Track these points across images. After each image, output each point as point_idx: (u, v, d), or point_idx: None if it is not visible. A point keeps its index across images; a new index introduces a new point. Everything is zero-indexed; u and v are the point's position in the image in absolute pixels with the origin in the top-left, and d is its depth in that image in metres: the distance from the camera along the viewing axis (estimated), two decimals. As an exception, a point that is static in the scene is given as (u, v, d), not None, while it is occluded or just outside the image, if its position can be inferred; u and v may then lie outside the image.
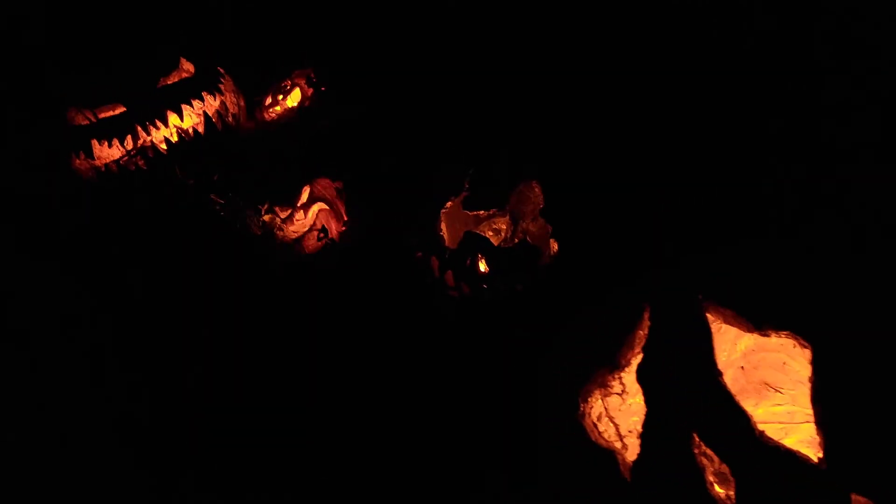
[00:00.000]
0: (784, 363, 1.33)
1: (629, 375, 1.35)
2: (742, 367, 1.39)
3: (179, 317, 2.42)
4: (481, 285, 2.18)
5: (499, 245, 2.25)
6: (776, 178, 1.70)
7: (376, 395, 2.13)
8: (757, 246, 1.34)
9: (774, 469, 1.14)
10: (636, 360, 1.34)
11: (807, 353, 1.19)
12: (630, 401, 1.38)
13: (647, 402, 1.27)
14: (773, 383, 1.37)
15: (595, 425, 1.37)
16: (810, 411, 1.21)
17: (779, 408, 1.38)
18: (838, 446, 1.12)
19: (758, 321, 1.23)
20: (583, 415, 1.36)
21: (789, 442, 1.23)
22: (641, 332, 1.33)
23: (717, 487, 1.23)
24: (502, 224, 2.36)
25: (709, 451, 1.20)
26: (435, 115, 2.53)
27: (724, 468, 1.19)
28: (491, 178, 2.27)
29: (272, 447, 2.10)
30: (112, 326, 2.43)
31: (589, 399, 1.37)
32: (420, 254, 2.27)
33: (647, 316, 1.33)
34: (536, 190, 2.24)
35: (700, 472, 1.20)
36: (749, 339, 1.35)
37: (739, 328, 1.27)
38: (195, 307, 2.42)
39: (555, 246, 2.17)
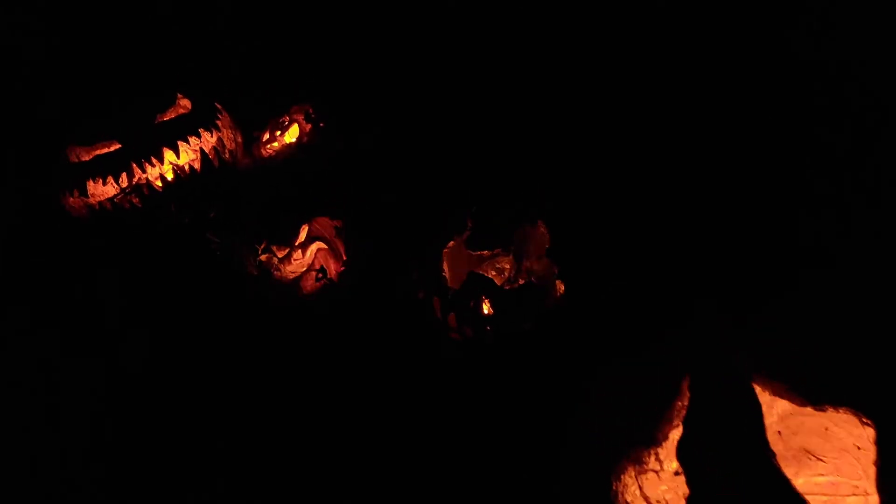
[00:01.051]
0: (826, 428, 1.18)
1: (665, 450, 1.20)
2: (779, 433, 1.24)
3: (171, 357, 2.27)
4: (485, 328, 2.06)
5: (502, 285, 2.14)
6: (838, 224, 1.52)
7: (377, 444, 1.99)
8: (812, 306, 1.19)
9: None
10: (674, 433, 1.19)
11: (869, 432, 1.05)
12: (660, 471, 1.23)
13: (689, 483, 1.13)
14: (814, 451, 1.22)
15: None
16: (857, 482, 1.08)
17: (821, 478, 1.23)
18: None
19: (815, 396, 1.08)
20: (615, 494, 1.21)
21: (834, 517, 1.09)
22: (680, 402, 1.19)
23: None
24: (506, 263, 2.26)
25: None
26: (437, 152, 2.42)
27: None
28: (494, 217, 2.16)
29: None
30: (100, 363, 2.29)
31: (622, 477, 1.22)
32: (422, 294, 2.15)
33: (685, 386, 1.18)
34: (541, 229, 2.13)
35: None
36: (786, 403, 1.20)
37: (791, 401, 1.13)
38: (189, 348, 2.27)
39: (561, 287, 2.05)
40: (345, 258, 2.37)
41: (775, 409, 1.22)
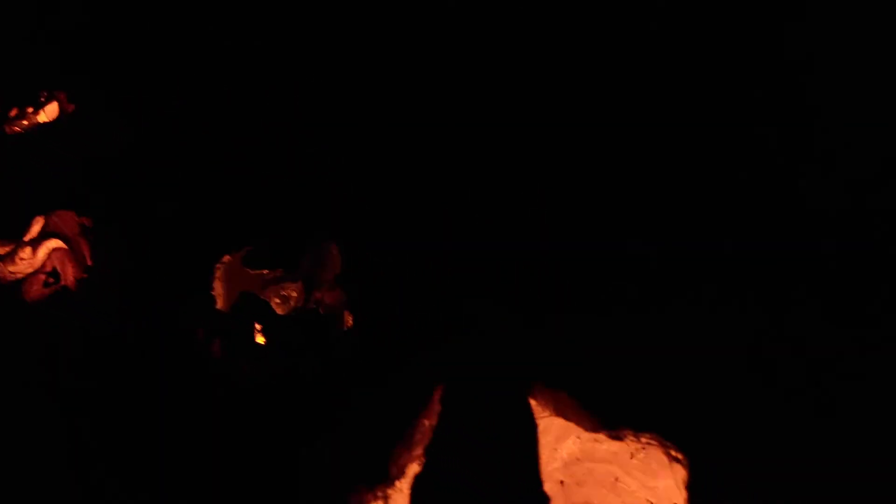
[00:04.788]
0: (616, 479, 0.91)
1: (398, 492, 0.83)
2: (562, 482, 0.93)
3: None
4: (255, 359, 1.75)
5: (286, 315, 1.85)
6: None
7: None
8: (617, 307, 0.91)
9: None
10: (413, 468, 0.83)
11: (677, 471, 0.77)
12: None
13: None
14: (600, 506, 0.94)
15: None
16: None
17: (605, 542, 0.94)
18: None
19: (612, 417, 0.78)
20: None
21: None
22: (427, 421, 0.84)
23: None
24: (293, 291, 1.94)
25: None
26: (223, 148, 2.05)
27: None
28: (281, 233, 1.91)
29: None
30: None
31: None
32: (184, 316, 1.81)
33: (437, 398, 0.84)
34: (334, 252, 1.89)
35: None
36: (574, 444, 0.91)
37: (577, 424, 0.83)
38: None
39: (349, 320, 1.81)
40: (89, 263, 1.90)
41: (560, 453, 0.93)
